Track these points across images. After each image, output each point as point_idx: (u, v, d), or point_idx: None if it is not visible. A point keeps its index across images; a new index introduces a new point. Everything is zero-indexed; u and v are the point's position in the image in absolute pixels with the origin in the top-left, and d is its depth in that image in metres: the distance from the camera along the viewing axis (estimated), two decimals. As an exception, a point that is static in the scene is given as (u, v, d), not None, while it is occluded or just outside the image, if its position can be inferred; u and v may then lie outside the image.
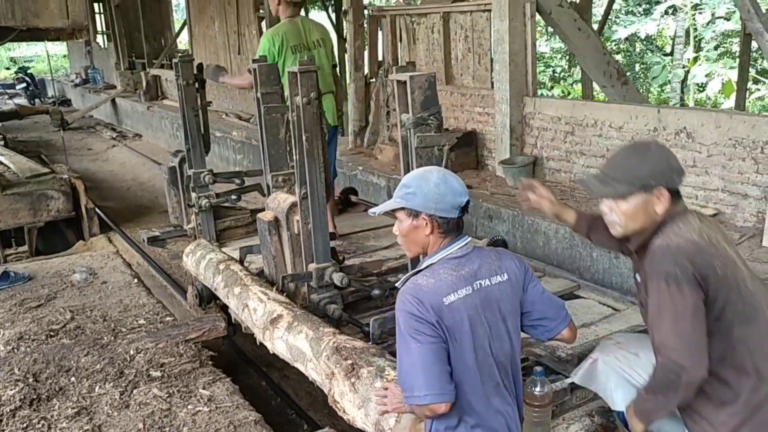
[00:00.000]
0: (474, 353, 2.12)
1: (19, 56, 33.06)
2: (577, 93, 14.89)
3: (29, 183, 7.85)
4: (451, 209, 2.20)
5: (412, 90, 3.15)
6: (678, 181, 2.13)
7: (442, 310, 2.09)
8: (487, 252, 2.31)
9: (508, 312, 2.22)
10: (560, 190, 6.29)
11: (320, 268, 3.99)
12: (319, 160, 3.96)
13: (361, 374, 2.88)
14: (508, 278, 2.25)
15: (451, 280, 2.15)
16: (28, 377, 3.56)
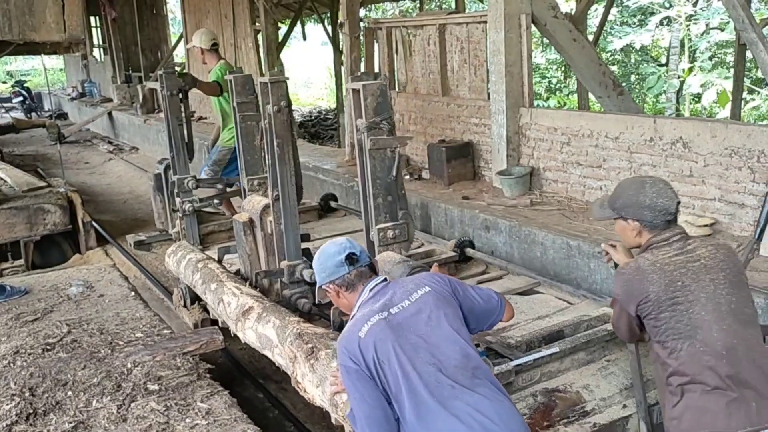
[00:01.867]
0: (409, 363, 2.32)
1: (16, 70, 33.12)
2: (572, 104, 14.94)
3: (26, 197, 7.83)
4: (336, 270, 2.55)
5: (365, 97, 3.40)
6: (650, 217, 2.51)
7: (358, 345, 2.37)
8: (402, 281, 2.61)
9: (443, 316, 2.44)
10: (557, 200, 6.30)
11: (291, 265, 4.30)
12: (289, 164, 4.28)
13: (320, 356, 3.17)
14: (430, 289, 2.51)
15: (364, 315, 2.44)
16: (24, 391, 3.54)
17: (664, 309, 2.42)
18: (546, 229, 5.54)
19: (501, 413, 2.29)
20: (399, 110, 8.56)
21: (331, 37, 14.69)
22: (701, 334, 2.37)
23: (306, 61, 24.36)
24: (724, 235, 5.01)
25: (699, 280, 2.42)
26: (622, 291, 2.54)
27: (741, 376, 2.34)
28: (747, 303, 2.49)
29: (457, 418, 2.24)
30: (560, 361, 3.36)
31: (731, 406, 2.32)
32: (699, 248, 2.50)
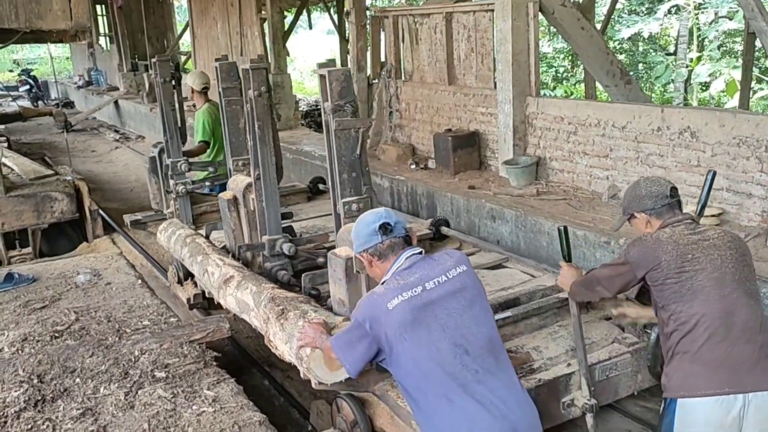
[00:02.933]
0: (435, 344, 2.40)
1: (22, 58, 33.13)
2: (579, 93, 14.86)
3: (33, 185, 7.86)
4: (369, 238, 2.63)
5: (330, 82, 3.67)
6: (651, 204, 2.83)
7: (381, 315, 2.46)
8: (440, 256, 2.65)
9: (477, 297, 2.56)
10: (563, 190, 6.29)
11: (272, 240, 4.66)
12: (269, 145, 4.60)
13: (289, 316, 3.50)
14: (467, 268, 2.60)
15: (399, 287, 2.49)
16: (32, 378, 3.56)
17: (671, 275, 2.65)
18: (552, 218, 5.54)
19: (520, 401, 2.44)
20: (405, 99, 8.53)
21: (337, 26, 14.64)
22: (700, 299, 2.59)
23: (312, 50, 24.28)
24: (732, 225, 4.99)
25: (708, 254, 2.65)
26: (638, 255, 2.75)
27: (734, 341, 2.52)
28: (752, 279, 2.70)
29: (479, 403, 2.35)
30: (514, 325, 3.76)
31: (716, 370, 2.50)
32: (709, 230, 2.76)
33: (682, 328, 2.62)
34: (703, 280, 2.61)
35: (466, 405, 2.36)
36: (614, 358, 3.64)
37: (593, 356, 3.57)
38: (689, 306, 2.61)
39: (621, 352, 3.67)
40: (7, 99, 20.62)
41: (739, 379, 2.49)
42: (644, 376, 3.77)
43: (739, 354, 2.52)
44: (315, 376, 3.17)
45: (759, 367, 2.51)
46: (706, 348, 2.54)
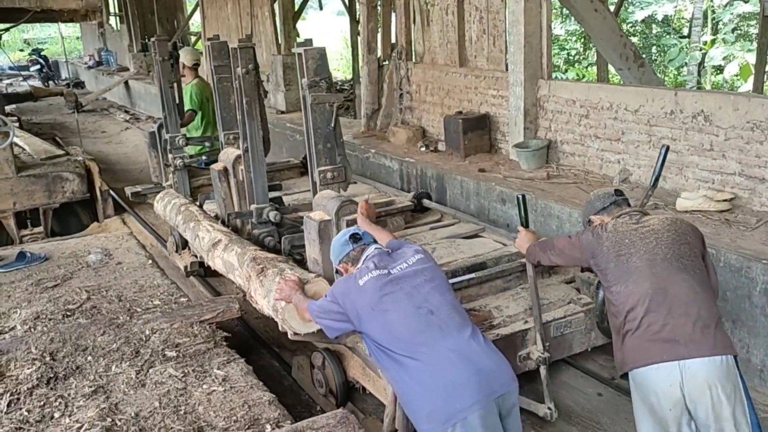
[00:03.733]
0: (402, 310, 2.80)
1: (33, 38, 33.14)
2: (591, 76, 14.73)
3: (44, 165, 7.90)
4: (342, 248, 3.13)
5: (306, 60, 4.02)
6: (600, 204, 3.24)
7: (355, 291, 2.89)
8: (399, 251, 3.10)
9: (431, 275, 2.96)
10: (574, 174, 6.25)
11: (259, 208, 5.02)
12: (257, 120, 4.93)
13: (267, 274, 3.86)
14: (423, 256, 3.06)
15: (367, 268, 2.94)
16: (45, 356, 3.60)
17: (611, 260, 2.96)
18: (562, 202, 5.51)
19: (484, 349, 2.77)
20: (416, 81, 8.49)
21: (347, 7, 14.53)
22: (634, 279, 2.87)
23: (322, 31, 24.15)
24: (744, 210, 4.96)
25: (644, 239, 2.94)
26: (587, 241, 3.11)
27: (669, 315, 2.77)
28: (689, 256, 2.92)
29: (446, 352, 2.70)
30: (479, 286, 4.26)
31: (654, 343, 2.75)
32: (653, 220, 3.03)
33: (623, 307, 2.87)
34: (637, 262, 2.88)
35: (433, 355, 2.69)
36: (568, 317, 4.03)
37: (549, 315, 3.97)
38: (626, 286, 2.88)
39: (575, 312, 4.05)
40: (18, 79, 20.67)
41: (676, 349, 2.70)
42: (597, 334, 4.15)
43: (675, 326, 2.74)
44: (290, 327, 3.56)
45: (695, 336, 2.71)
46: (645, 323, 2.79)
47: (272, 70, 11.35)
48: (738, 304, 4.29)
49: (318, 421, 2.92)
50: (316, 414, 3.77)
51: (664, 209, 5.15)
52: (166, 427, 3.02)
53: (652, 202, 5.27)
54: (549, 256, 3.39)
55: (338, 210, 3.86)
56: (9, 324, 4.16)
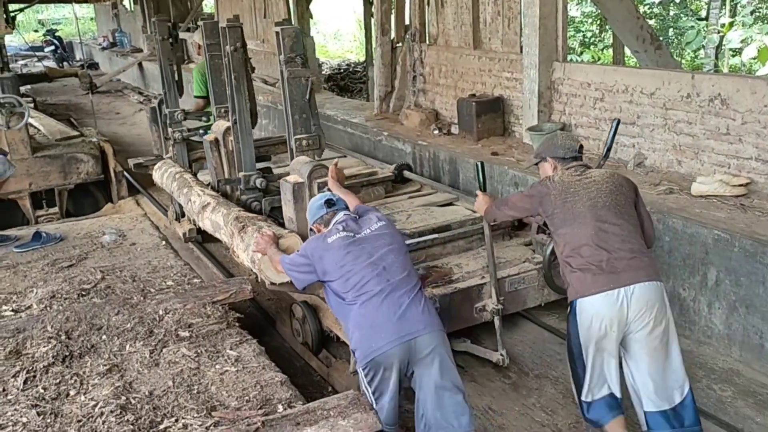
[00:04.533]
0: (358, 265, 3.24)
1: (47, 18, 33.22)
2: (607, 58, 14.56)
3: (59, 146, 7.95)
4: (317, 211, 3.55)
5: (283, 38, 4.40)
6: (562, 153, 3.56)
7: (323, 246, 3.35)
8: (365, 218, 3.53)
9: (393, 241, 3.41)
10: (588, 157, 6.20)
11: (247, 175, 5.46)
12: (244, 94, 5.33)
13: (248, 230, 4.37)
14: (386, 223, 3.50)
15: (336, 230, 3.40)
16: (60, 335, 3.64)
17: (558, 206, 3.36)
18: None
19: (419, 307, 3.19)
20: (429, 63, 8.44)
21: (361, -12, 14.42)
22: (579, 221, 3.29)
23: (335, 12, 24.02)
24: (760, 195, 4.91)
25: (587, 188, 3.36)
26: (537, 191, 3.51)
27: (610, 250, 3.20)
28: (623, 204, 3.35)
29: (386, 302, 3.16)
30: (443, 246, 4.79)
31: (592, 275, 3.18)
32: (594, 173, 3.47)
33: (569, 246, 3.31)
34: (580, 207, 3.31)
35: (370, 303, 3.17)
36: (522, 274, 4.47)
37: (504, 272, 4.44)
38: (572, 228, 3.31)
39: (528, 269, 4.51)
40: (32, 59, 20.76)
41: (617, 278, 3.16)
42: (550, 291, 4.55)
43: (615, 259, 3.19)
44: (266, 277, 4.04)
45: (632, 266, 3.18)
46: (589, 258, 3.22)
47: (285, 52, 11.31)
48: (752, 290, 4.26)
49: (329, 402, 2.94)
50: (327, 395, 3.81)
51: (679, 194, 5.11)
52: (179, 406, 3.05)
53: (667, 187, 5.23)
54: (504, 211, 3.80)
55: (310, 173, 4.27)
56: (25, 303, 4.21)
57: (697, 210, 4.78)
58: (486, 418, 4.02)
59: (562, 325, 4.92)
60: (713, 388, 4.18)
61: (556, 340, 4.78)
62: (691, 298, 4.68)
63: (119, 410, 2.98)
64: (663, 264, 4.80)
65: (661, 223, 4.77)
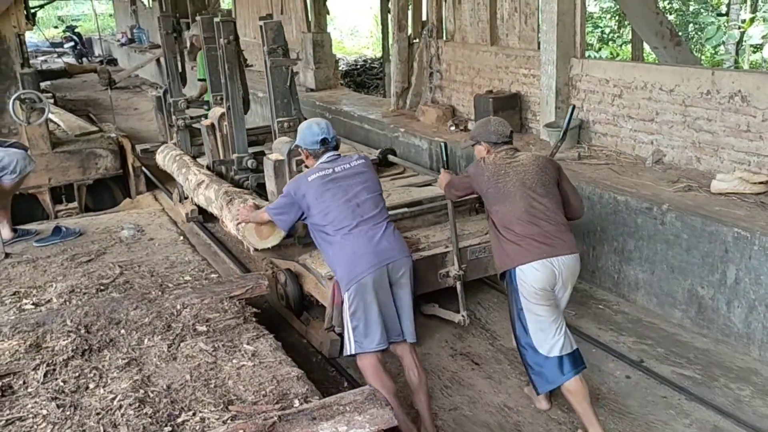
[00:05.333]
0: (336, 201, 3.67)
1: (67, 15, 33.48)
2: (626, 54, 14.43)
3: (79, 141, 8.02)
4: (311, 144, 3.86)
5: (266, 31, 5.07)
6: (495, 138, 3.88)
7: (305, 185, 3.75)
8: (349, 156, 3.95)
9: (369, 179, 3.84)
10: (605, 154, 6.17)
11: (239, 157, 6.02)
12: (237, 83, 5.89)
13: (234, 202, 5.00)
14: (363, 161, 3.91)
15: (318, 168, 3.80)
16: (80, 329, 3.67)
17: (491, 186, 3.76)
18: (593, 183, 5.45)
19: (389, 236, 3.71)
20: (446, 60, 8.41)
21: (378, -16, 14.39)
22: (509, 199, 3.69)
23: (352, 9, 24.00)
24: (780, 193, 4.86)
25: (516, 169, 3.74)
26: (473, 172, 3.91)
27: (540, 230, 3.61)
28: (549, 183, 3.73)
29: (362, 234, 3.64)
30: (413, 219, 5.24)
31: (534, 247, 3.59)
32: (522, 156, 3.85)
33: (503, 221, 3.71)
34: (511, 187, 3.70)
35: (350, 235, 3.63)
36: (483, 244, 4.83)
37: (467, 242, 4.85)
38: (503, 206, 3.70)
39: (488, 240, 4.48)
40: (52, 56, 20.95)
41: (552, 249, 3.59)
42: None
43: (546, 232, 3.61)
44: (249, 243, 4.58)
45: (562, 239, 3.63)
46: (522, 232, 3.63)
47: (302, 48, 11.34)
48: (772, 289, 4.22)
49: (345, 397, 2.95)
50: (342, 390, 3.82)
51: (698, 191, 5.06)
52: (196, 400, 3.08)
53: (686, 184, 5.18)
54: (452, 191, 4.21)
55: (290, 152, 4.76)
56: (45, 297, 4.26)
57: (716, 208, 4.74)
58: (502, 416, 4.02)
59: (579, 322, 4.93)
60: (731, 387, 4.15)
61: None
62: (710, 297, 4.64)
63: (138, 403, 3.01)
64: (681, 262, 4.77)
65: (680, 221, 4.73)
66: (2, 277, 4.60)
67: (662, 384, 4.21)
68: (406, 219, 5.15)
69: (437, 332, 4.97)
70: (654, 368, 4.37)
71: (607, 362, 4.47)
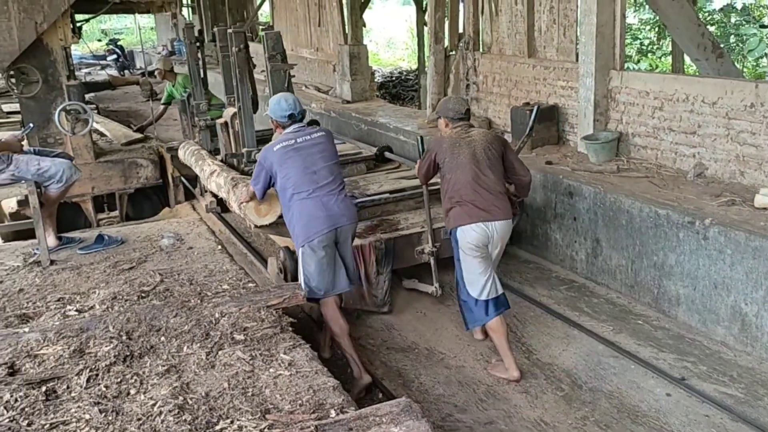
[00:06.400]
0: (296, 168, 4.31)
1: (110, 28, 34.31)
2: (665, 66, 14.23)
3: (121, 151, 8.20)
4: (281, 117, 4.46)
5: (267, 40, 5.99)
6: (452, 114, 4.56)
7: (272, 154, 4.39)
8: (313, 128, 4.58)
9: (326, 149, 4.45)
10: (645, 167, 6.08)
11: (249, 150, 6.52)
12: (247, 85, 6.52)
13: (238, 186, 5.52)
14: (324, 133, 4.54)
15: (283, 139, 4.41)
16: (121, 335, 3.74)
17: (447, 157, 4.46)
18: (633, 196, 5.38)
19: (340, 203, 4.35)
20: (483, 72, 8.40)
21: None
22: (460, 169, 4.40)
23: (387, 20, 24.15)
24: (828, 208, 4.73)
25: (468, 144, 4.44)
26: (433, 146, 4.61)
27: (481, 198, 4.36)
28: (493, 158, 4.44)
29: (317, 199, 4.28)
30: (395, 204, 6.10)
31: (474, 213, 4.35)
32: (474, 131, 4.55)
33: (452, 188, 4.43)
34: (463, 159, 4.40)
35: (307, 199, 4.27)
36: None
37: (440, 224, 5.31)
38: (455, 174, 4.42)
39: None
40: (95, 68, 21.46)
41: (485, 214, 4.35)
42: None
43: (485, 199, 4.36)
44: (250, 221, 5.21)
45: (495, 206, 4.38)
46: (467, 197, 4.36)
47: (339, 60, 11.43)
48: (819, 307, 4.10)
49: (381, 409, 2.95)
50: (377, 402, 3.81)
51: (741, 206, 4.95)
52: (234, 408, 3.10)
53: (729, 198, 5.08)
54: (422, 171, 4.77)
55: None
56: (88, 303, 4.35)
57: (761, 223, 4.63)
58: (537, 431, 3.97)
59: (618, 337, 4.87)
60: (777, 408, 4.04)
61: (610, 353, 4.70)
62: (754, 314, 4.52)
63: (177, 410, 3.04)
64: (724, 278, 4.67)
65: (723, 236, 4.63)
66: (48, 284, 4.72)
67: (704, 402, 4.12)
68: (389, 203, 6.07)
69: (472, 345, 4.94)
70: (696, 386, 4.28)
71: (647, 379, 4.40)
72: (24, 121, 7.49)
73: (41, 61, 7.22)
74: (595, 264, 5.80)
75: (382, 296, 5.40)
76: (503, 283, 4.71)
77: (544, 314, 5.34)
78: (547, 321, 5.25)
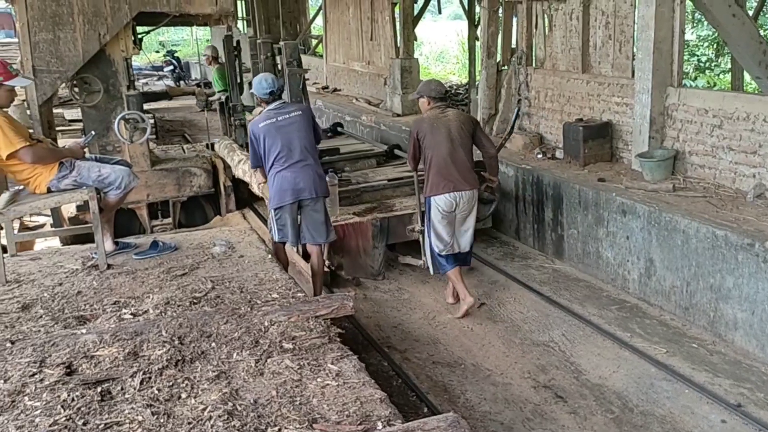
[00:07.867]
0: (275, 145, 5.20)
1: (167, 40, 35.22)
2: (723, 84, 13.88)
3: (176, 159, 8.40)
4: (263, 94, 5.30)
5: (286, 48, 7.33)
6: (434, 94, 5.41)
7: (258, 129, 5.25)
8: (291, 104, 5.79)
9: (301, 128, 5.26)
10: (703, 187, 5.93)
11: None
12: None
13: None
14: (301, 112, 5.37)
15: (266, 116, 5.26)
16: (174, 340, 3.81)
17: (426, 135, 5.30)
18: (690, 216, 5.25)
19: (310, 175, 5.26)
20: (535, 87, 8.34)
21: (466, 11, 14.44)
22: (437, 147, 5.26)
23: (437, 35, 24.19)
24: None
25: (445, 123, 5.28)
26: (415, 127, 5.44)
27: (453, 171, 5.27)
28: (465, 137, 5.33)
29: (290, 172, 5.20)
30: (393, 190, 7.06)
31: (446, 184, 5.27)
32: (449, 112, 5.41)
33: (430, 162, 5.30)
34: (439, 137, 5.26)
35: (282, 171, 5.21)
36: None
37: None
38: (432, 151, 5.28)
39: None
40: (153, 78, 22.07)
41: (454, 185, 5.27)
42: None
43: (455, 173, 5.27)
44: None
45: (465, 179, 5.31)
46: (441, 170, 5.26)
47: (390, 74, 11.50)
48: None
49: (429, 423, 2.93)
50: (423, 416, 3.79)
51: (805, 229, 4.79)
52: (282, 416, 3.12)
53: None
54: (410, 155, 5.58)
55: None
56: (143, 307, 4.44)
57: (825, 247, 4.46)
58: (587, 453, 3.89)
59: (671, 360, 4.74)
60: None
61: (663, 376, 4.58)
62: (817, 342, 4.35)
63: (226, 416, 3.08)
64: (785, 303, 4.50)
65: (784, 260, 4.48)
66: (104, 287, 4.84)
67: (762, 430, 3.97)
68: (387, 189, 7.03)
69: (518, 362, 4.88)
70: (753, 413, 4.13)
71: (701, 404, 4.27)
72: (86, 129, 7.73)
73: (103, 71, 7.46)
74: (648, 284, 5.67)
75: (377, 266, 6.46)
76: (553, 300, 5.19)
77: (594, 334, 5.24)
78: (597, 341, 5.15)
